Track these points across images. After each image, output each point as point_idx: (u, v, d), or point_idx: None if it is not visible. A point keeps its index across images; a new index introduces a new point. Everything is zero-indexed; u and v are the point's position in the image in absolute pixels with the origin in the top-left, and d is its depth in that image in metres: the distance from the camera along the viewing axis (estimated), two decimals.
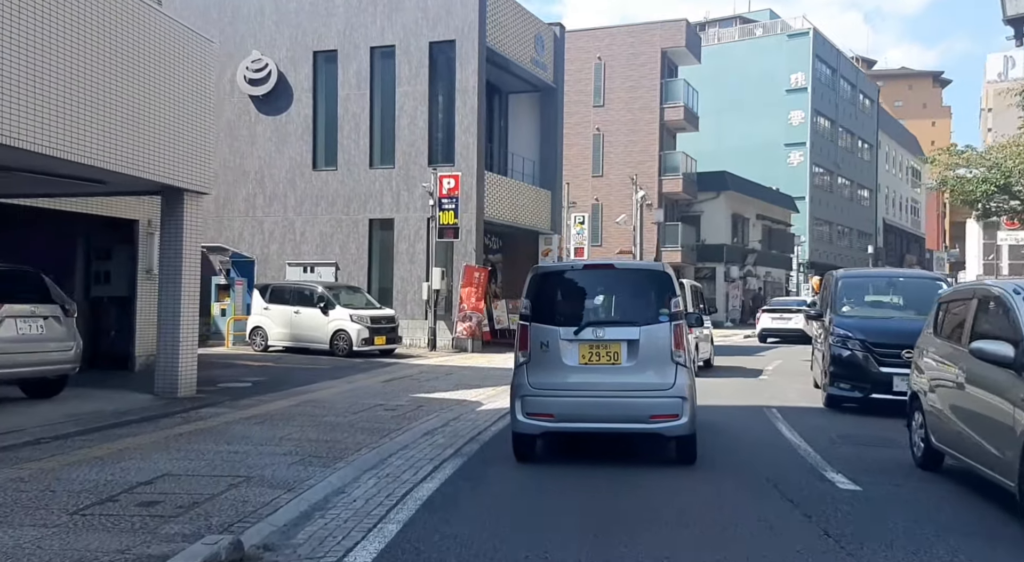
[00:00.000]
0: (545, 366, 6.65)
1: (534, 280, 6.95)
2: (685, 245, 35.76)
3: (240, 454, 6.77)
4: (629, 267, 8.45)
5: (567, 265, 7.70)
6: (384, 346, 17.74)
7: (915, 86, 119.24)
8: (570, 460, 7.24)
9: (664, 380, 6.47)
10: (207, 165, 10.46)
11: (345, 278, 20.58)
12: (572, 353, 6.60)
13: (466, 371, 14.84)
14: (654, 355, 6.52)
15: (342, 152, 20.81)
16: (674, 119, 35.45)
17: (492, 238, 24.09)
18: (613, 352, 6.55)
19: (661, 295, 6.73)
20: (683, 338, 6.61)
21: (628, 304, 6.98)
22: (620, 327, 6.69)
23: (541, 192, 23.80)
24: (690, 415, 6.48)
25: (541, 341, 6.69)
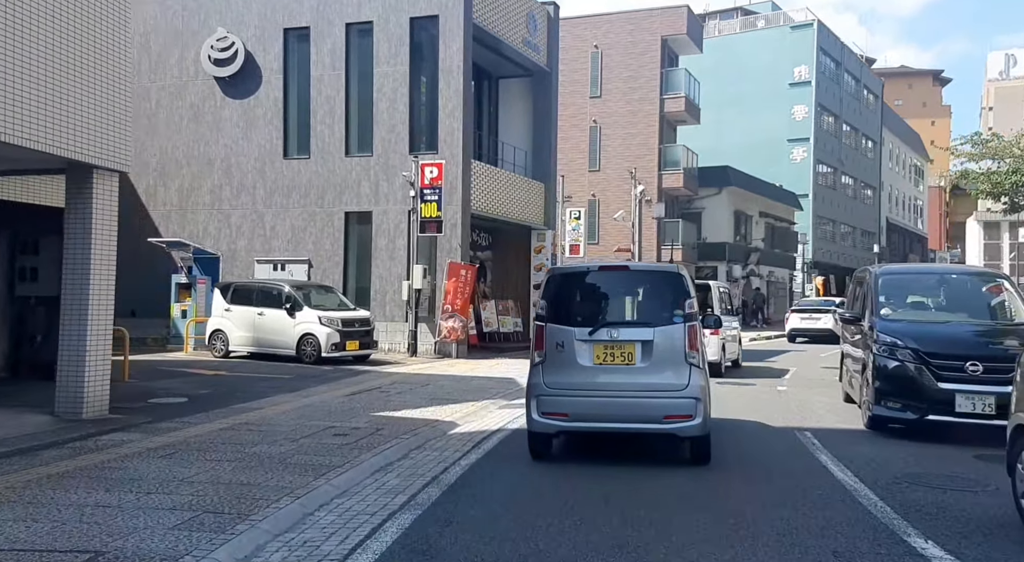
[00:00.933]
0: (560, 366, 6.69)
1: (551, 281, 7.04)
2: (686, 243, 34.01)
3: (111, 510, 5.00)
4: (644, 269, 8.37)
5: (583, 267, 7.64)
6: (358, 351, 15.96)
7: (915, 85, 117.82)
8: (563, 516, 5.49)
9: (678, 381, 6.51)
10: (122, 137, 8.69)
11: (319, 276, 18.80)
12: (587, 353, 6.65)
13: (445, 381, 13.08)
14: (668, 356, 6.55)
15: (315, 139, 19.03)
16: (675, 110, 33.72)
17: (480, 234, 22.32)
18: (627, 353, 6.59)
19: (675, 296, 6.73)
20: (697, 339, 6.62)
21: (643, 305, 6.99)
22: (634, 328, 6.73)
23: (534, 184, 22.05)
24: (704, 416, 6.51)
25: (557, 341, 6.72)
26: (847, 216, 54.61)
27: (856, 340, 9.84)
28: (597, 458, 7.26)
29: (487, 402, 10.68)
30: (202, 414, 9.04)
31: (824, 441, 8.02)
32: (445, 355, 17.64)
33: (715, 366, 14.59)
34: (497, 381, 13.28)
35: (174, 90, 20.02)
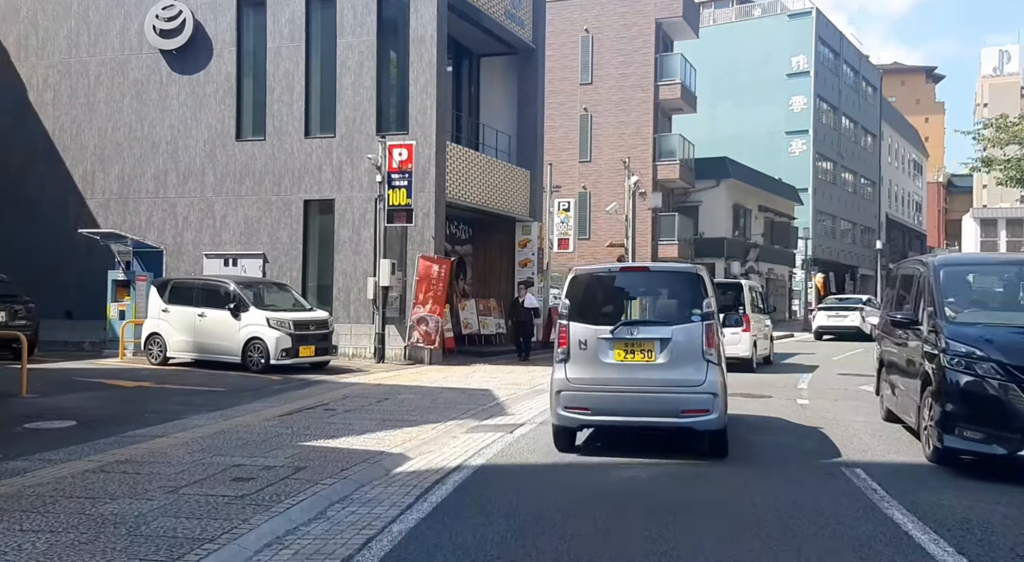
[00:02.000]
0: (583, 363, 6.90)
1: (574, 281, 7.21)
2: (682, 238, 32.07)
3: None
4: (663, 269, 8.58)
5: (604, 267, 8.02)
6: (314, 358, 13.93)
7: (908, 82, 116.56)
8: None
9: (696, 377, 6.67)
10: None
11: (275, 272, 16.75)
12: (608, 351, 6.84)
13: (409, 394, 11.06)
14: (686, 353, 6.72)
15: (272, 118, 16.97)
16: (670, 98, 31.78)
17: (459, 226, 20.32)
18: (647, 350, 6.78)
19: (694, 296, 6.89)
20: (715, 337, 6.76)
21: (662, 304, 7.25)
22: (654, 326, 6.96)
23: (518, 171, 20.05)
24: (721, 410, 6.70)
25: (579, 339, 6.91)
26: (847, 211, 52.88)
27: (909, 348, 7.88)
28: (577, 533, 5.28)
29: (452, 424, 8.68)
30: (79, 446, 7.01)
31: (886, 484, 6.06)
32: (416, 361, 15.63)
33: (747, 362, 14.79)
34: (471, 394, 11.29)
35: (115, 65, 17.91)
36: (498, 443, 7.70)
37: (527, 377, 13.53)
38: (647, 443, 7.54)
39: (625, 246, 27.73)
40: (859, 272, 55.59)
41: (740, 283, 16.31)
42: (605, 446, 7.55)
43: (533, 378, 13.39)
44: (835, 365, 17.33)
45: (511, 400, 10.80)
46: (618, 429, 7.52)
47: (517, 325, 17.32)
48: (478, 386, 12.22)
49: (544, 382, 13.29)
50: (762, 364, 15.98)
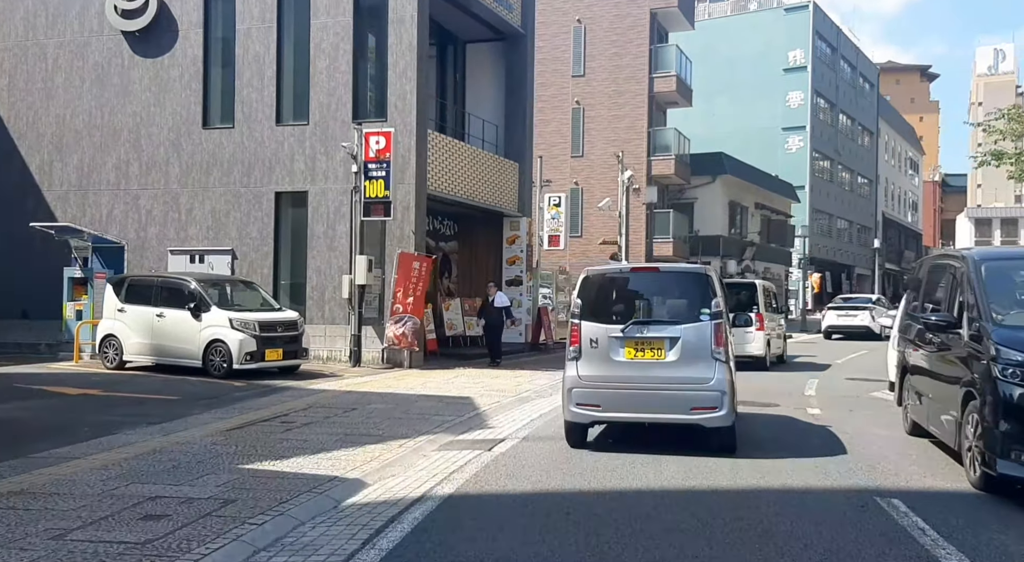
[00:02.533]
0: (594, 360, 7.04)
1: (585, 281, 7.41)
2: (677, 236, 31.08)
3: None
4: (673, 270, 8.68)
5: (615, 268, 8.51)
6: (281, 362, 12.85)
7: (903, 81, 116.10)
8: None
9: (704, 375, 6.79)
10: None
11: (244, 269, 15.65)
12: (619, 349, 6.98)
13: (381, 403, 10.00)
14: (695, 352, 6.83)
15: (241, 105, 15.87)
16: (665, 91, 30.76)
17: (444, 221, 19.26)
18: (657, 348, 6.92)
19: (703, 296, 7.02)
20: (723, 336, 6.86)
21: (671, 304, 7.31)
22: (664, 325, 7.05)
23: (506, 164, 18.99)
24: (729, 407, 6.80)
25: (590, 338, 7.06)
26: (844, 210, 52.03)
27: (944, 354, 6.86)
28: None
29: (424, 439, 7.62)
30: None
31: (932, 519, 5.03)
32: (395, 364, 14.56)
33: (760, 360, 14.98)
34: (449, 402, 10.23)
35: (75, 48, 16.76)
36: (473, 464, 6.65)
37: (512, 383, 12.48)
38: (658, 468, 6.51)
39: (618, 244, 26.73)
40: (855, 271, 54.79)
41: (754, 283, 16.43)
42: (606, 468, 6.51)
43: (519, 384, 12.35)
44: (841, 368, 16.36)
45: (493, 410, 9.75)
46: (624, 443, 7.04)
47: (487, 328, 15.73)
48: (458, 393, 11.16)
49: (531, 389, 12.29)
50: (775, 363, 16.14)
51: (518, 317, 19.19)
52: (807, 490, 5.85)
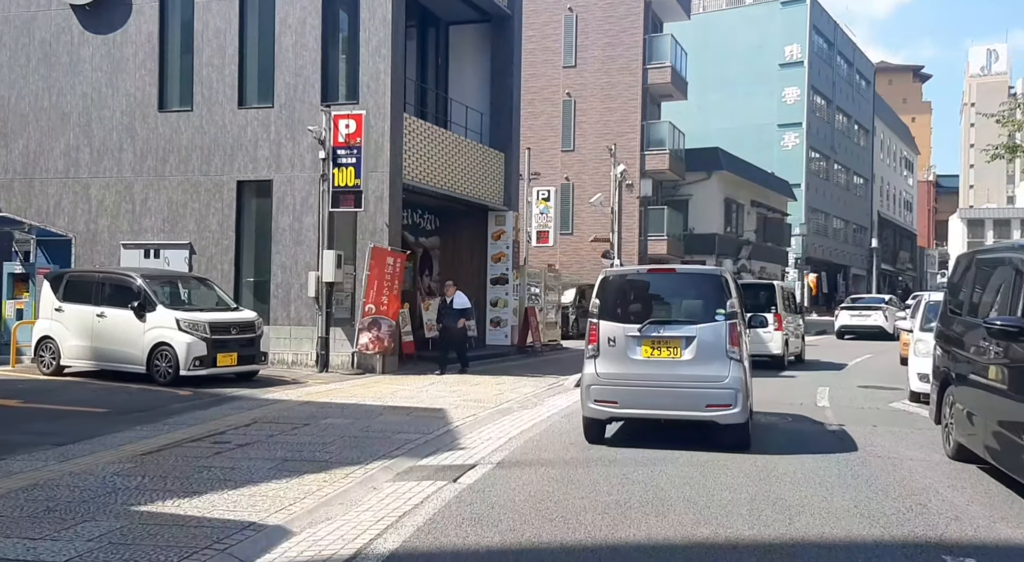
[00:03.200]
0: (612, 359, 7.22)
1: (603, 282, 7.61)
2: (671, 234, 29.94)
3: None
4: (689, 271, 9.11)
5: (633, 269, 8.92)
6: (237, 367, 11.54)
7: (895, 81, 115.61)
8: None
9: (719, 373, 6.96)
10: None
11: (203, 265, 14.33)
12: (636, 347, 7.17)
13: (339, 417, 8.72)
14: (710, 351, 7.00)
15: (200, 85, 14.55)
16: (659, 82, 29.58)
17: (424, 215, 17.98)
18: (673, 347, 7.09)
19: (718, 297, 7.20)
20: (737, 336, 7.05)
21: (687, 304, 7.49)
22: (680, 325, 7.21)
23: (491, 153, 17.73)
24: (743, 405, 6.96)
25: (608, 337, 7.24)
26: (840, 209, 51.02)
27: (1008, 367, 5.63)
28: None
29: (378, 466, 6.36)
30: None
31: None
32: (367, 370, 13.28)
33: (779, 359, 15.17)
34: (418, 416, 8.98)
35: (19, 23, 15.38)
36: (432, 502, 5.39)
37: (494, 392, 11.23)
38: (661, 507, 5.27)
39: (610, 241, 25.50)
40: (851, 272, 53.80)
41: (773, 284, 16.78)
42: (596, 510, 5.26)
43: (501, 393, 11.10)
44: (850, 374, 15.20)
45: (467, 425, 8.50)
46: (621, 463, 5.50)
47: (444, 331, 13.44)
48: (430, 404, 9.89)
49: (514, 398, 11.05)
50: (794, 362, 16.34)
51: (503, 317, 17.96)
52: (852, 543, 4.60)
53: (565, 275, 28.64)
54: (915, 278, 70.66)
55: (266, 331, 13.52)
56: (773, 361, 14.93)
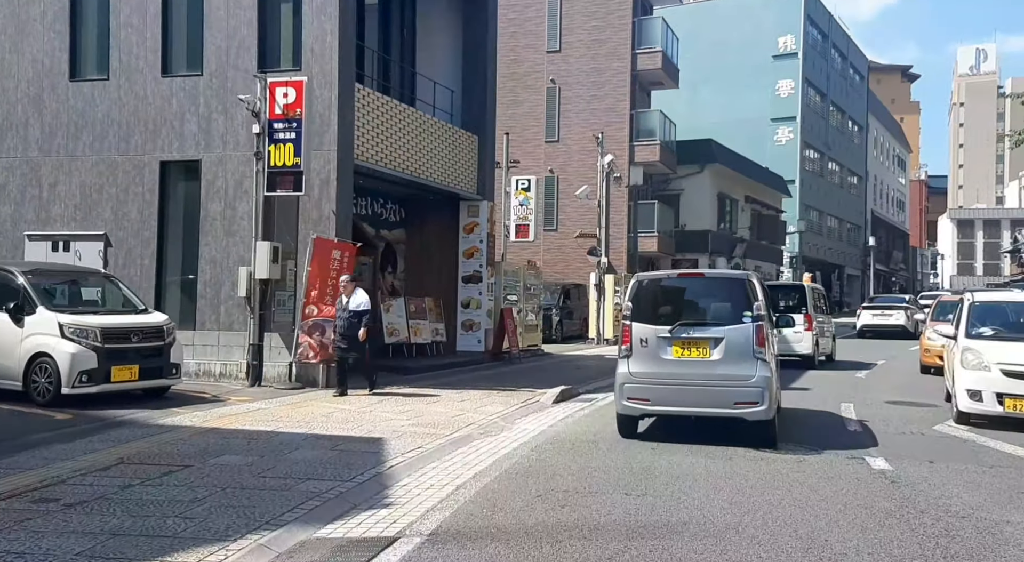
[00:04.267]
0: (644, 359, 7.55)
1: (635, 286, 7.95)
2: (662, 231, 28.06)
3: None
4: (717, 275, 9.86)
5: (663, 274, 9.16)
6: (139, 383, 9.48)
7: (884, 81, 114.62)
8: None
9: (746, 372, 7.25)
10: None
11: (121, 260, 12.25)
12: (667, 348, 7.48)
13: (238, 454, 6.70)
14: (738, 351, 7.30)
15: (118, 50, 12.47)
16: (649, 69, 27.70)
17: (388, 205, 15.96)
18: (702, 348, 7.40)
19: (745, 299, 7.48)
20: (764, 337, 7.35)
21: (716, 307, 7.79)
22: (709, 327, 7.55)
23: (463, 136, 15.75)
24: (768, 403, 7.23)
25: (640, 338, 7.57)
26: (834, 207, 49.42)
27: None
28: None
29: (249, 544, 4.36)
30: None
31: None
32: (307, 383, 11.24)
33: (809, 359, 15.37)
34: (346, 450, 6.99)
35: None
36: None
37: (453, 412, 9.25)
38: None
39: (597, 237, 23.58)
40: (846, 272, 52.20)
41: (803, 285, 17.35)
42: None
43: (462, 413, 9.12)
44: (872, 385, 13.32)
45: (408, 464, 6.52)
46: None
47: (343, 341, 10.33)
48: (369, 431, 7.90)
49: (476, 421, 9.06)
50: (824, 361, 16.38)
51: (476, 320, 15.97)
52: None
53: (549, 274, 26.73)
54: (908, 279, 69.30)
55: (192, 338, 11.52)
56: (803, 361, 15.21)
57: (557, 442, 7.75)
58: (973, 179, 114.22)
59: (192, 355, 11.66)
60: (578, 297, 24.87)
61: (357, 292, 10.46)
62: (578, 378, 13.22)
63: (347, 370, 10.45)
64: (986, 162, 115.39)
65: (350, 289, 10.45)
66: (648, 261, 28.90)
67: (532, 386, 11.82)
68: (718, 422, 7.82)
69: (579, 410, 9.98)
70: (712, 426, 8.11)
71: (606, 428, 8.49)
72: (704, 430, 8.02)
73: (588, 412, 9.87)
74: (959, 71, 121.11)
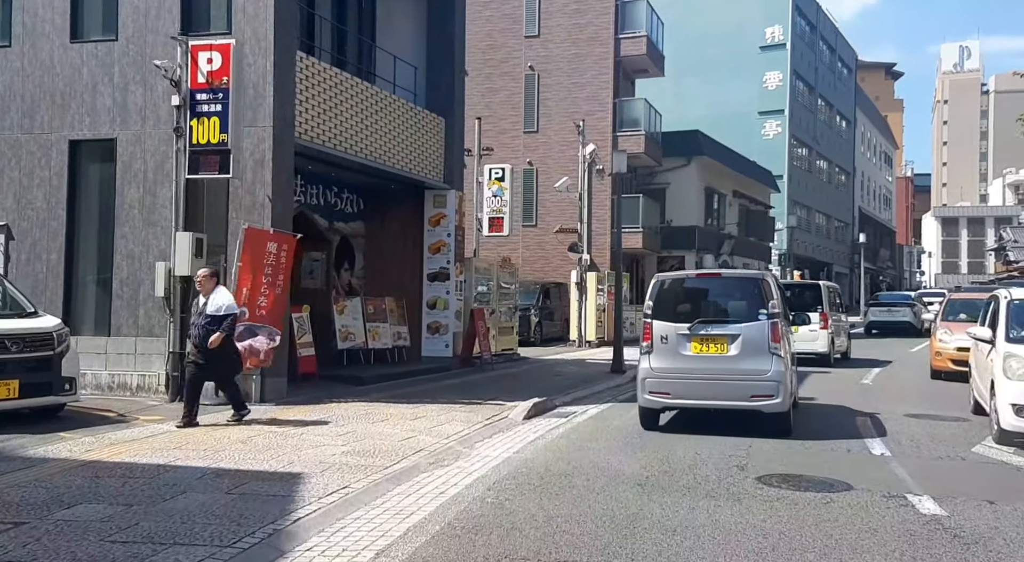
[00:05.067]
0: (664, 355, 7.97)
1: (656, 285, 8.38)
2: (647, 226, 26.57)
3: None
4: (734, 275, 10.15)
5: (683, 274, 9.64)
6: (20, 401, 7.83)
7: (867, 79, 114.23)
8: None
9: (762, 367, 7.66)
10: None
11: (24, 255, 10.58)
12: (686, 344, 7.89)
13: (103, 503, 5.11)
14: (754, 347, 7.71)
15: (21, 13, 10.79)
16: (633, 55, 26.23)
17: (344, 194, 14.35)
18: (720, 344, 7.81)
19: (761, 298, 7.93)
20: (780, 333, 7.78)
21: (733, 305, 8.25)
22: (726, 324, 7.95)
23: (428, 118, 14.19)
24: (783, 396, 7.66)
25: (661, 335, 8.00)
26: (822, 203, 48.28)
27: None
28: None
29: None
30: None
31: None
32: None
33: (825, 357, 15.44)
34: (249, 492, 5.43)
35: None
36: None
37: (403, 433, 7.69)
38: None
39: (578, 232, 22.09)
40: (834, 269, 51.07)
41: (819, 284, 17.46)
42: None
43: (412, 436, 7.57)
44: (884, 392, 11.91)
45: (327, 511, 4.99)
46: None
47: (198, 352, 8.07)
48: (288, 462, 6.33)
49: (428, 445, 7.47)
50: (839, 359, 16.46)
51: (443, 322, 14.41)
52: None
53: (528, 272, 25.24)
54: (895, 277, 68.49)
55: (106, 345, 9.91)
56: (820, 358, 15.27)
57: (522, 476, 6.22)
58: (957, 177, 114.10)
59: (106, 365, 10.05)
60: (559, 297, 23.37)
61: (219, 291, 8.15)
62: (555, 387, 11.71)
63: (199, 391, 8.13)
64: (970, 160, 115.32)
65: (209, 286, 8.09)
66: (632, 259, 27.47)
67: (502, 398, 10.30)
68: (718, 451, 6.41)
69: (553, 428, 8.46)
70: (713, 457, 6.63)
71: (584, 454, 6.99)
72: (705, 461, 6.52)
73: (564, 430, 8.36)
74: (943, 68, 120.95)
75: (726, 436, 7.72)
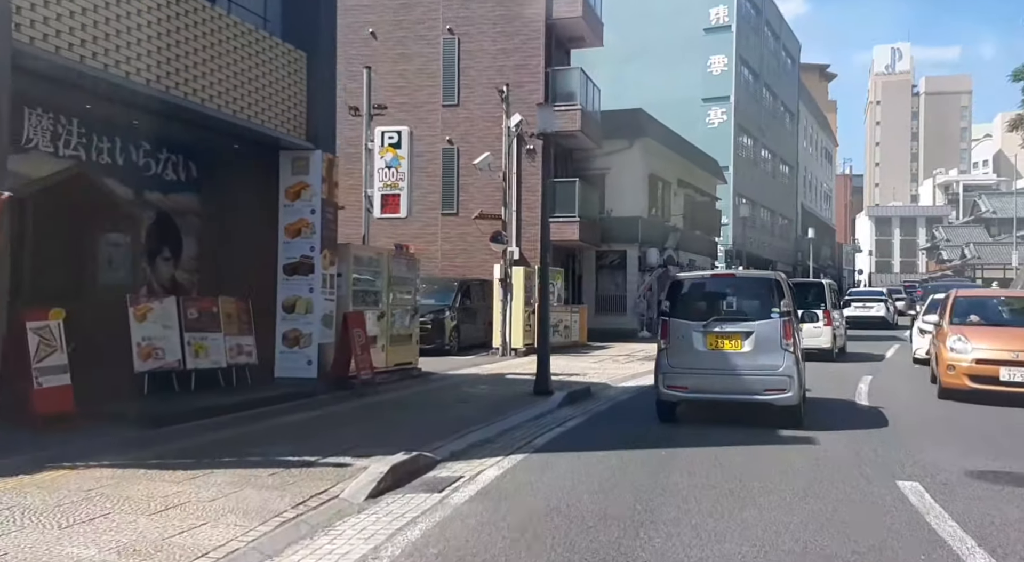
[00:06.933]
0: (681, 350, 8.41)
1: (672, 285, 8.90)
2: (585, 215, 23.15)
3: None
4: (747, 276, 10.93)
5: (698, 274, 10.65)
6: None
7: (803, 79, 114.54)
8: None
9: (775, 362, 8.10)
10: None
11: None
12: (702, 341, 8.33)
13: None
14: (767, 343, 8.15)
15: None
16: (567, 17, 22.78)
17: (169, 155, 10.33)
18: (734, 340, 8.25)
19: (773, 297, 8.38)
20: (791, 330, 8.22)
21: (746, 303, 8.64)
22: (740, 322, 8.35)
23: (282, 50, 10.33)
24: (795, 389, 8.09)
25: (678, 332, 8.44)
26: (766, 197, 45.98)
27: None
28: None
29: None
30: None
31: None
32: None
33: (827, 352, 15.98)
34: None
35: None
36: None
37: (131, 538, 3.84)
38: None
39: (503, 218, 18.50)
40: (778, 268, 48.94)
41: (822, 282, 17.80)
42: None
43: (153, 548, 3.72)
44: (903, 421, 8.67)
45: None
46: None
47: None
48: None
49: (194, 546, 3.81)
50: (839, 354, 16.82)
51: (305, 331, 10.54)
52: None
53: (448, 268, 21.54)
54: (835, 276, 67.40)
55: None
56: (822, 354, 15.44)
57: None
58: (889, 178, 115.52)
59: None
60: (482, 296, 19.72)
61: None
62: (449, 423, 8.07)
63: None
64: (901, 160, 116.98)
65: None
66: (568, 253, 24.08)
67: (360, 447, 6.60)
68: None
69: (407, 525, 4.79)
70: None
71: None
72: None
73: (422, 532, 4.66)
74: (875, 70, 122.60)
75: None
